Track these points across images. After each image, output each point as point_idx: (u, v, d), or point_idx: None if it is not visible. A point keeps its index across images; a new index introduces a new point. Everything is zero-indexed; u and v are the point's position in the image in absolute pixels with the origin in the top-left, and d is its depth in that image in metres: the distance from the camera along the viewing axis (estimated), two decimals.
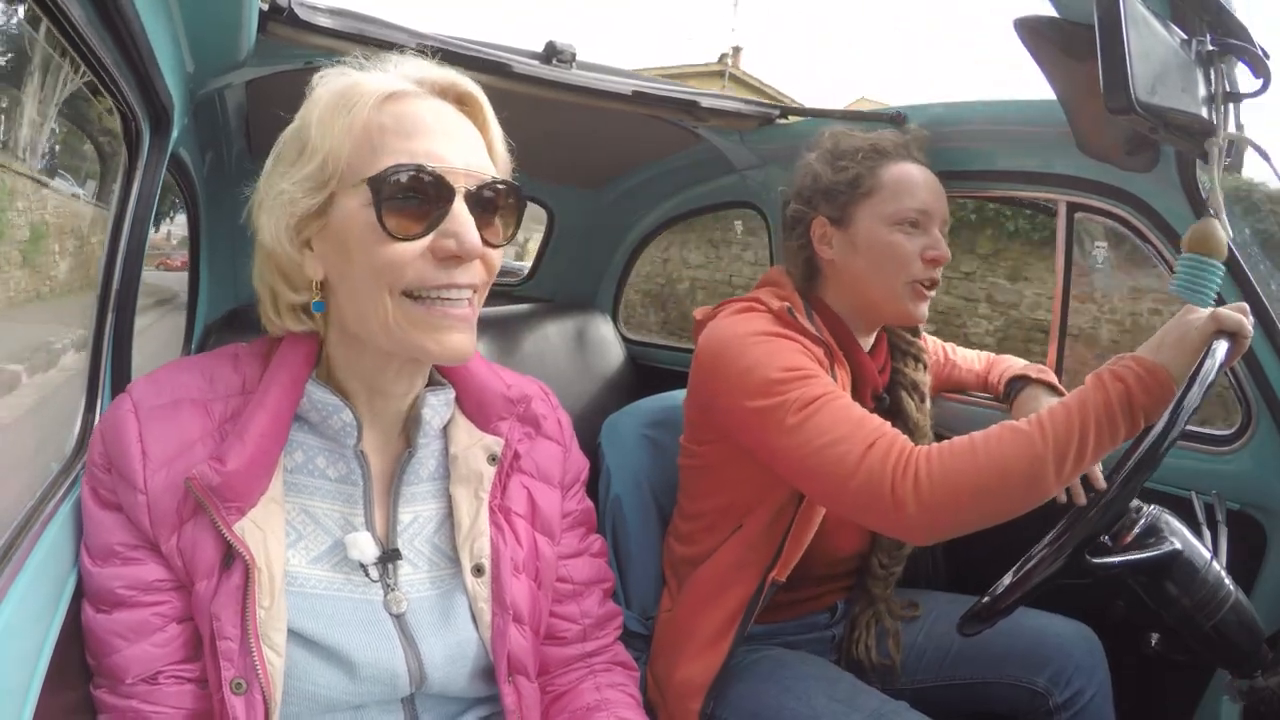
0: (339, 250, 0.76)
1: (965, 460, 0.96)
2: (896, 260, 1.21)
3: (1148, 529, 0.94)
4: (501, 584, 0.84)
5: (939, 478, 0.95)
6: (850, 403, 1.08)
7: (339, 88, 0.76)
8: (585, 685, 0.95)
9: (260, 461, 0.76)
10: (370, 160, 0.73)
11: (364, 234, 0.73)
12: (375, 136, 0.74)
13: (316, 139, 0.74)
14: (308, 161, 0.75)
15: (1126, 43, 0.81)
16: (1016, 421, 0.97)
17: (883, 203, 1.22)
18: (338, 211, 0.75)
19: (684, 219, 2.19)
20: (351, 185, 0.74)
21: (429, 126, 0.75)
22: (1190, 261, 0.96)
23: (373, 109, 0.74)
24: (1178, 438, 0.91)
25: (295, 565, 0.79)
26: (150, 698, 0.75)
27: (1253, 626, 0.95)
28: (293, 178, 0.76)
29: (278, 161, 0.79)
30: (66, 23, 0.70)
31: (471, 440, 0.88)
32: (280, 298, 0.82)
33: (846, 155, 1.26)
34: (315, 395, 0.81)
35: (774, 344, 1.13)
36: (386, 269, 0.73)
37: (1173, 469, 1.16)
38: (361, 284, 0.75)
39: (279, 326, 0.83)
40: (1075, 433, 0.93)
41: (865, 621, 1.31)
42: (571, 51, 1.32)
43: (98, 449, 0.77)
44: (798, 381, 1.07)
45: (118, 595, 0.75)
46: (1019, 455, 0.94)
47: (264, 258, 0.81)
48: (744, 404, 1.10)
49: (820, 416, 1.04)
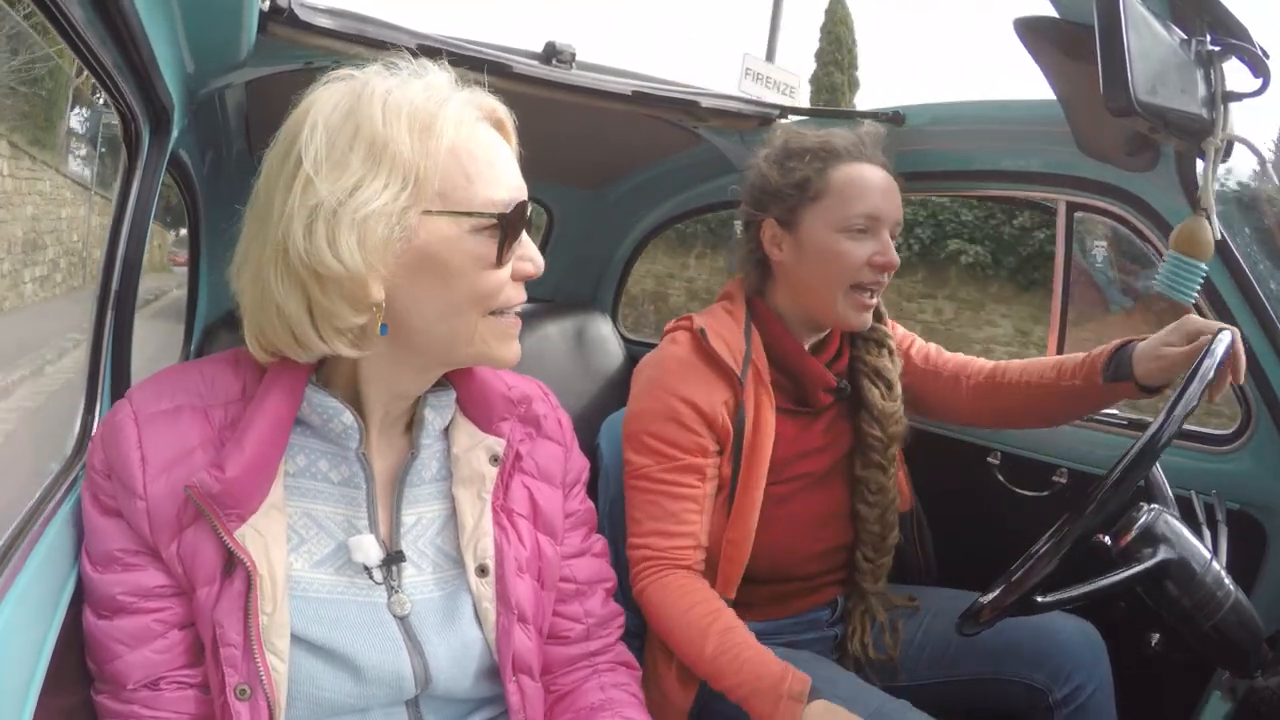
0: (422, 272, 0.74)
1: (668, 615, 1.14)
2: (841, 266, 1.19)
3: (1147, 529, 0.94)
4: (506, 584, 0.84)
5: (655, 612, 1.16)
6: (669, 504, 1.19)
7: (417, 102, 0.73)
8: (589, 685, 0.95)
9: (260, 468, 0.76)
10: (465, 188, 0.73)
11: (467, 261, 0.74)
12: (467, 164, 0.73)
13: (407, 157, 0.71)
14: (389, 179, 0.71)
15: (1126, 43, 0.81)
16: (726, 624, 1.11)
17: (830, 208, 1.20)
18: (426, 235, 0.73)
19: (684, 219, 2.19)
20: (444, 210, 0.73)
21: (500, 154, 0.78)
22: (1175, 260, 0.96)
23: (456, 134, 0.74)
24: (1174, 435, 0.91)
25: (298, 570, 0.79)
26: (152, 703, 0.75)
27: (1253, 626, 0.95)
28: (376, 193, 0.70)
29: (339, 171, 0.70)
30: (66, 23, 0.70)
31: (473, 441, 0.87)
32: (337, 320, 0.73)
33: (795, 156, 1.23)
34: (315, 399, 0.80)
35: (659, 406, 1.20)
36: (488, 293, 0.76)
37: (1172, 468, 1.16)
38: (449, 307, 0.76)
39: (317, 351, 0.75)
40: (728, 677, 1.07)
41: (859, 616, 1.31)
42: (571, 52, 1.32)
43: (98, 455, 0.77)
44: (652, 454, 1.20)
45: (119, 601, 0.75)
46: (692, 645, 1.11)
47: (311, 278, 0.71)
48: (625, 437, 1.24)
49: (642, 497, 1.20)
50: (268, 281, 0.73)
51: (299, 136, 0.72)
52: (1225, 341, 1.00)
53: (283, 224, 0.71)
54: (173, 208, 0.95)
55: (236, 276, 0.78)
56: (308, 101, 0.74)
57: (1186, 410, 0.92)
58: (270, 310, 0.74)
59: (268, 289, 0.73)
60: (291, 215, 0.70)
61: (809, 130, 1.28)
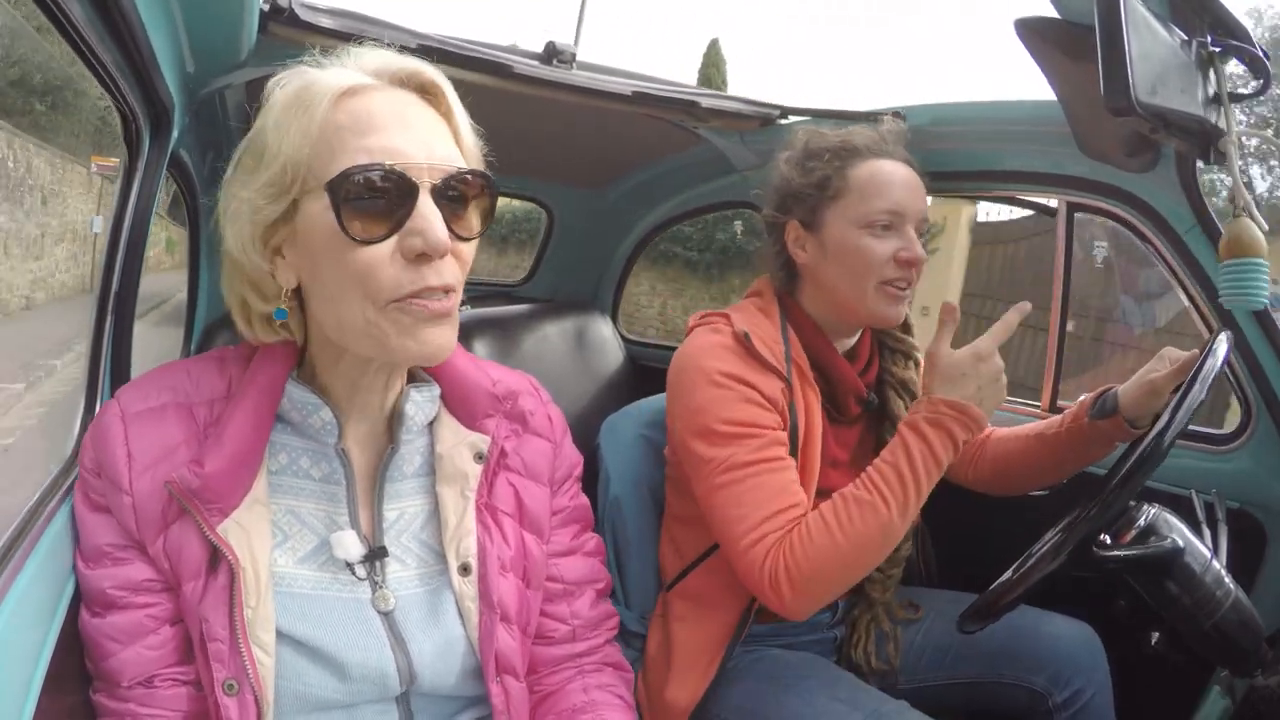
0: (308, 258, 0.74)
1: (827, 547, 1.03)
2: (866, 264, 1.18)
3: (1148, 528, 0.94)
4: (488, 583, 0.84)
5: (807, 570, 1.03)
6: (772, 479, 1.10)
7: (295, 88, 0.73)
8: (573, 686, 0.94)
9: (240, 463, 0.76)
10: (329, 162, 0.71)
11: (329, 240, 0.71)
12: (333, 137, 0.71)
13: (274, 144, 0.72)
14: (267, 167, 0.72)
15: (1126, 43, 0.81)
16: (856, 490, 1.05)
17: (851, 205, 1.19)
18: (303, 218, 0.73)
19: (684, 219, 2.19)
20: (313, 190, 0.72)
21: (387, 120, 0.72)
22: (1234, 267, 0.94)
23: (329, 108, 0.71)
24: (1178, 436, 0.91)
25: (282, 565, 0.79)
26: (147, 701, 0.75)
27: (1253, 625, 0.95)
28: (253, 185, 0.73)
29: (238, 169, 0.76)
30: (67, 22, 0.70)
31: (457, 439, 0.87)
32: (251, 308, 0.80)
33: (815, 156, 1.22)
34: (295, 395, 0.81)
35: (726, 392, 1.13)
36: (357, 275, 0.71)
37: (1173, 468, 1.16)
38: (335, 291, 0.73)
39: (252, 337, 0.81)
40: (911, 488, 1.02)
41: (864, 625, 1.31)
42: (571, 52, 1.32)
43: (88, 454, 0.77)
44: (735, 440, 1.11)
45: (109, 596, 0.75)
46: (872, 527, 1.02)
47: (231, 268, 0.79)
48: (688, 441, 1.15)
49: (739, 487, 1.09)
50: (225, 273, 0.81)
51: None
52: (1226, 343, 1.00)
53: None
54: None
55: None
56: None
57: (1190, 412, 0.92)
58: (231, 299, 0.81)
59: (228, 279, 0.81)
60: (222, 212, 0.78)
61: (830, 130, 1.27)
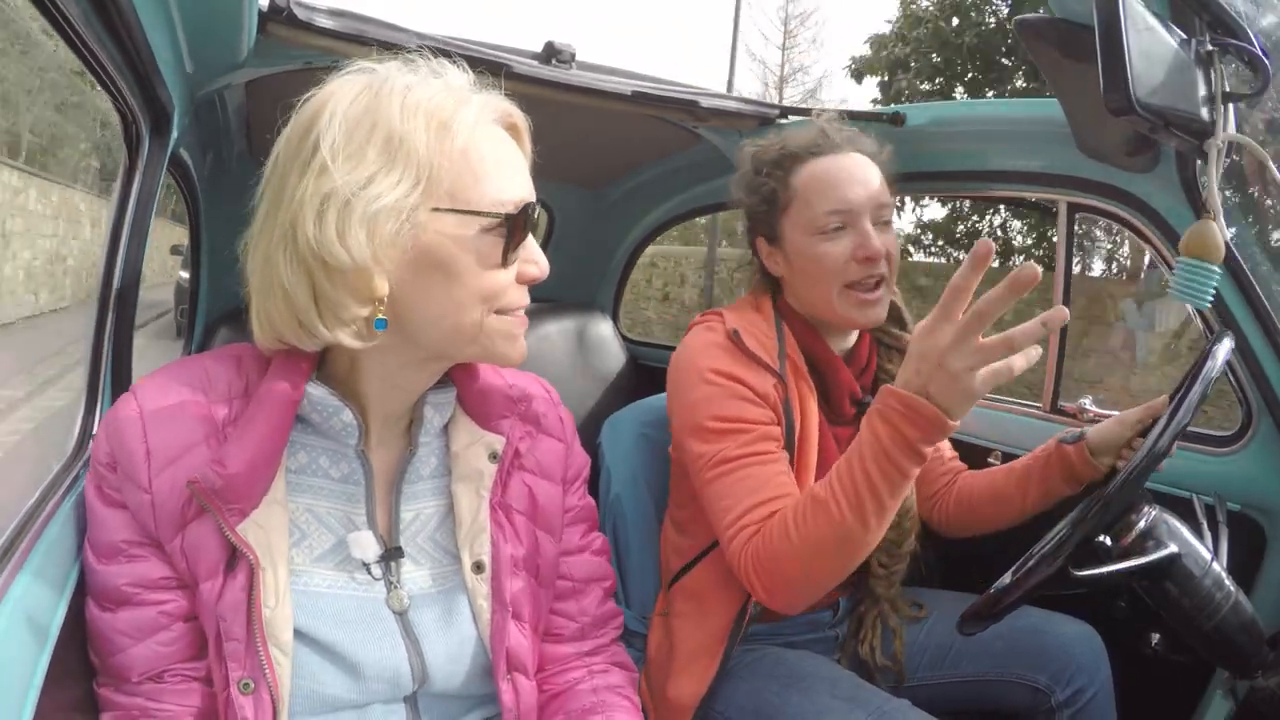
0: (427, 269, 0.74)
1: (783, 548, 0.99)
2: (825, 270, 1.15)
3: (1148, 530, 0.94)
4: (501, 581, 0.85)
5: (770, 565, 1.01)
6: (759, 471, 1.07)
7: (436, 101, 0.73)
8: (582, 686, 0.95)
9: (261, 463, 0.76)
10: (475, 188, 0.73)
11: (472, 260, 0.74)
12: (477, 164, 0.74)
13: (422, 154, 0.71)
14: (402, 175, 0.71)
15: (1126, 43, 0.81)
16: (817, 487, 0.97)
17: (800, 213, 1.17)
18: (434, 232, 0.73)
19: (684, 219, 2.19)
20: (452, 209, 0.73)
21: (511, 157, 0.78)
22: (1187, 265, 0.96)
23: (470, 135, 0.74)
24: (1178, 437, 0.91)
25: (299, 564, 0.79)
26: (156, 696, 0.75)
27: (1253, 627, 0.95)
28: (390, 188, 0.71)
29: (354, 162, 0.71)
30: (66, 23, 0.70)
31: (472, 438, 0.88)
32: (341, 310, 0.73)
33: (759, 171, 1.21)
34: (315, 396, 0.80)
35: (716, 388, 1.13)
36: (492, 294, 0.76)
37: (1173, 470, 1.16)
38: (457, 303, 0.75)
39: (322, 339, 0.75)
40: (864, 488, 0.91)
41: (871, 621, 1.30)
42: (571, 51, 1.32)
43: (103, 447, 0.77)
44: (725, 436, 1.10)
45: (123, 593, 0.75)
46: (824, 527, 0.95)
47: (319, 265, 0.71)
48: (684, 437, 1.15)
49: (727, 479, 1.08)
50: (276, 265, 0.73)
51: (317, 122, 0.72)
52: (1227, 346, 1.00)
53: (293, 208, 0.71)
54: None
55: (248, 255, 0.77)
56: (326, 91, 0.74)
57: (1190, 414, 0.92)
58: (277, 295, 0.74)
59: (276, 272, 0.73)
60: (303, 201, 0.70)
61: (772, 138, 1.25)
